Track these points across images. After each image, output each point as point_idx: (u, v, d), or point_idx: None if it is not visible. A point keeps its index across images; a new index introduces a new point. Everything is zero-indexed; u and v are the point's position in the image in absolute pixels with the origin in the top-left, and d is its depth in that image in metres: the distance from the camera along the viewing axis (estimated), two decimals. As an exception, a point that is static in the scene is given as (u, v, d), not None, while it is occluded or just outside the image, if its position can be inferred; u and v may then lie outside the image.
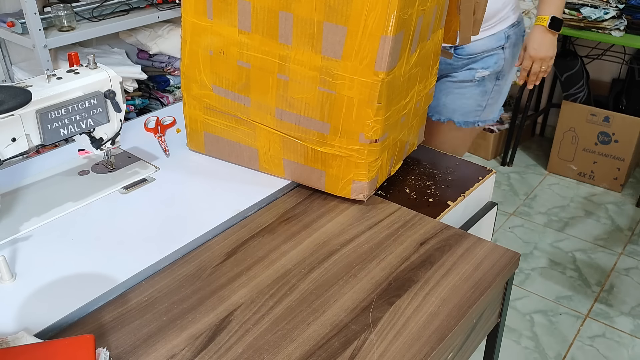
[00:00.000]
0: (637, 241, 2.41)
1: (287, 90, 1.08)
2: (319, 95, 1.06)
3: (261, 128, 1.15)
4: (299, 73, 1.06)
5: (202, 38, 1.12)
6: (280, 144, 1.15)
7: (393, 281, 0.93)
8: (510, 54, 1.62)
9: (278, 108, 1.11)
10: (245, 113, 1.15)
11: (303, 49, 1.04)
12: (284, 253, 0.99)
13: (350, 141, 1.08)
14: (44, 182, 1.17)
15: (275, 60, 1.07)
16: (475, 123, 1.69)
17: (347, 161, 1.10)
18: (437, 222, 1.08)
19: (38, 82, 0.99)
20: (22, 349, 0.75)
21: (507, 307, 1.09)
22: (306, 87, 1.07)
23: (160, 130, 1.37)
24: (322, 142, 1.10)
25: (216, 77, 1.14)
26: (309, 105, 1.08)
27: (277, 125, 1.13)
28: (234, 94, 1.13)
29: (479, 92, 1.64)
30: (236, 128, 1.18)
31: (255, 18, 1.05)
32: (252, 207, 1.10)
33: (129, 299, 0.89)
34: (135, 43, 2.25)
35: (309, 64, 1.04)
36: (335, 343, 0.82)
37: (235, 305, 0.88)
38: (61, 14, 1.86)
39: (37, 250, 0.98)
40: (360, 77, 1.01)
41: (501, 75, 1.63)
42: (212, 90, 1.16)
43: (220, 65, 1.12)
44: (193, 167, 1.22)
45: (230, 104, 1.15)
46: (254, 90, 1.12)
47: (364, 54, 0.99)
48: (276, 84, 1.09)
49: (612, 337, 1.93)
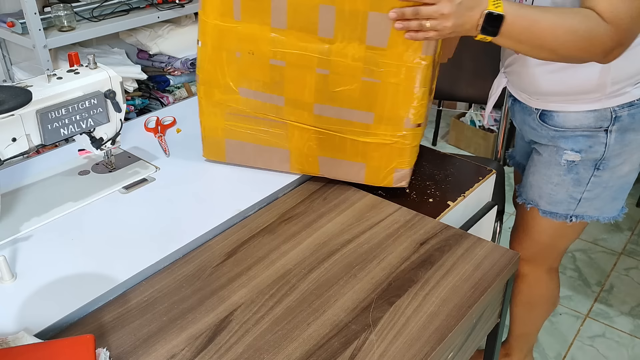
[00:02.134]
0: (637, 241, 2.41)
1: (328, 84, 1.07)
2: (363, 85, 1.06)
3: (295, 127, 1.13)
4: (341, 65, 1.05)
5: (227, 40, 1.08)
6: (317, 141, 1.13)
7: (393, 281, 0.93)
8: (617, 140, 1.20)
9: (317, 104, 1.09)
10: (279, 113, 1.12)
11: (346, 41, 1.03)
12: (284, 253, 0.99)
13: (395, 128, 1.09)
14: (44, 182, 1.17)
15: (314, 55, 1.05)
16: (568, 217, 1.32)
17: (391, 149, 1.11)
18: (437, 222, 1.08)
19: (38, 82, 0.99)
20: (22, 349, 0.75)
21: (507, 307, 1.09)
22: (349, 79, 1.06)
23: (160, 130, 1.37)
24: (365, 133, 1.10)
25: (244, 80, 1.10)
26: (351, 97, 1.08)
27: (315, 121, 1.11)
28: (265, 94, 1.11)
29: (571, 180, 1.28)
30: (265, 131, 1.15)
31: (292, 14, 1.03)
32: (252, 207, 1.10)
33: (129, 299, 0.89)
34: (135, 43, 2.24)
35: (353, 55, 1.04)
36: (336, 343, 0.82)
37: (235, 305, 0.88)
38: (61, 14, 1.86)
39: (37, 250, 0.98)
40: (407, 63, 1.03)
41: (603, 165, 1.24)
42: (239, 94, 1.12)
43: (250, 66, 1.09)
44: (193, 167, 1.22)
45: (260, 106, 1.12)
46: (289, 89, 1.09)
47: (410, 41, 1.00)
48: (315, 79, 1.07)
49: (612, 337, 1.93)
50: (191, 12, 2.23)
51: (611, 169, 1.25)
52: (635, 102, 1.17)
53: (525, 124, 1.35)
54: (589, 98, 1.18)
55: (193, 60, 2.25)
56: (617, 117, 1.18)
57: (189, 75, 2.28)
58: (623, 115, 1.18)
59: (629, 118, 1.18)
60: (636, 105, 1.17)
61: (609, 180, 1.26)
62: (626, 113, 1.18)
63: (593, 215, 1.32)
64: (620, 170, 1.26)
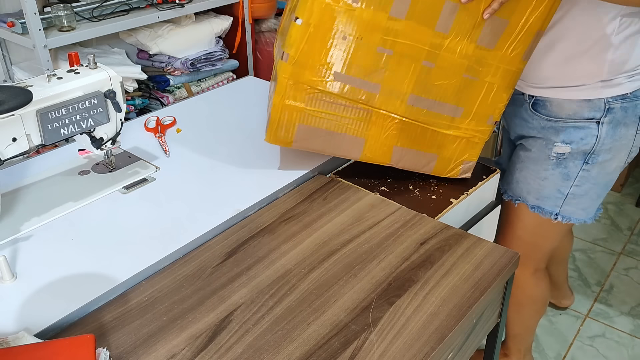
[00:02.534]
0: (636, 241, 2.41)
1: (429, 77, 1.12)
2: (461, 81, 1.13)
3: (381, 115, 1.14)
4: (447, 60, 1.11)
5: (336, 23, 1.06)
6: (398, 131, 1.16)
7: (393, 281, 0.93)
8: (608, 133, 1.22)
9: (412, 94, 1.13)
10: (369, 101, 1.13)
11: (459, 38, 1.09)
12: (284, 253, 0.99)
13: (479, 123, 1.18)
14: (44, 182, 1.17)
15: (424, 48, 1.09)
16: (553, 215, 1.34)
17: (467, 142, 1.19)
18: (437, 221, 1.08)
19: (38, 82, 0.99)
20: (22, 349, 0.75)
21: (507, 307, 1.09)
22: (450, 74, 1.12)
23: (161, 130, 1.37)
24: (449, 125, 1.17)
25: (343, 64, 1.09)
26: (447, 91, 1.13)
27: (405, 111, 1.14)
28: (361, 80, 1.11)
29: (559, 174, 1.29)
30: (344, 117, 1.14)
31: (414, 5, 1.05)
32: (252, 207, 1.10)
33: (129, 299, 0.89)
34: (135, 43, 2.24)
35: (461, 52, 1.10)
36: (336, 343, 0.82)
37: (235, 305, 0.88)
38: (61, 14, 1.86)
39: (37, 250, 0.98)
40: (506, 66, 1.12)
41: (592, 159, 1.25)
42: (333, 78, 1.10)
43: (354, 51, 1.08)
44: (193, 167, 1.22)
45: (351, 92, 1.11)
46: (389, 77, 1.11)
47: (517, 45, 1.10)
48: (418, 70, 1.11)
49: (612, 337, 1.93)
50: (191, 12, 2.23)
51: (600, 164, 1.26)
52: (629, 95, 1.20)
53: (516, 117, 1.35)
54: (585, 86, 1.20)
55: (193, 60, 2.25)
56: (610, 108, 1.20)
57: (189, 75, 2.28)
58: (616, 108, 1.20)
59: (621, 111, 1.21)
60: (629, 98, 1.20)
61: (597, 176, 1.28)
62: (619, 105, 1.20)
63: (579, 217, 1.34)
64: (608, 167, 1.28)
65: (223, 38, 2.46)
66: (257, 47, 2.62)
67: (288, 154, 1.27)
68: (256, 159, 1.26)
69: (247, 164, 1.23)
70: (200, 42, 2.29)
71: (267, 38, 2.64)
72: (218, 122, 1.43)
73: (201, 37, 2.29)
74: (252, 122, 1.42)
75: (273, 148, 1.30)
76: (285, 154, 1.27)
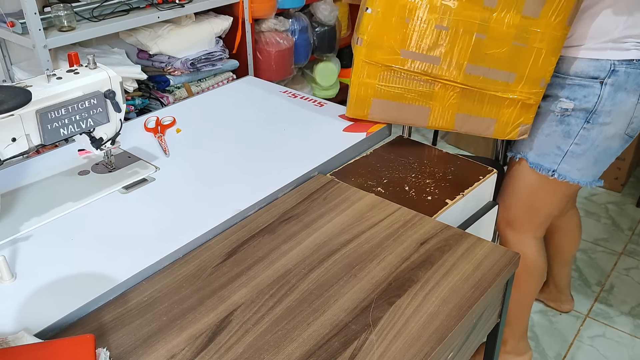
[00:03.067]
0: (637, 241, 2.41)
1: (482, 47, 1.28)
2: (511, 49, 1.27)
3: (443, 84, 1.32)
4: (497, 31, 1.26)
5: (398, 8, 1.27)
6: (459, 98, 1.33)
7: (393, 281, 0.93)
8: (610, 95, 1.30)
9: (469, 63, 1.29)
10: (432, 72, 1.31)
11: (505, 10, 1.25)
12: (284, 253, 0.99)
13: (532, 86, 1.30)
14: (44, 182, 1.17)
15: (475, 22, 1.26)
16: (550, 172, 1.40)
17: (522, 105, 1.32)
18: (437, 221, 1.08)
19: (38, 82, 0.99)
20: (22, 349, 0.75)
21: (507, 307, 1.09)
22: (501, 43, 1.27)
23: (160, 130, 1.37)
24: (504, 90, 1.31)
25: (407, 42, 1.28)
26: (500, 58, 1.28)
27: (464, 79, 1.30)
28: (423, 55, 1.29)
29: (561, 132, 1.37)
30: (412, 90, 1.33)
31: None
32: (252, 207, 1.10)
33: (129, 299, 0.89)
34: (135, 43, 2.24)
35: (509, 23, 1.25)
36: (336, 343, 0.82)
37: (235, 305, 0.88)
38: (61, 14, 1.86)
39: (37, 250, 0.98)
40: (552, 32, 1.25)
41: (593, 119, 1.33)
42: (400, 55, 1.30)
43: (415, 31, 1.28)
44: (193, 167, 1.22)
45: (416, 65, 1.30)
46: (447, 50, 1.29)
47: (559, 12, 1.23)
48: (472, 42, 1.28)
49: (612, 337, 1.93)
50: (191, 12, 2.23)
51: (600, 126, 1.34)
52: (635, 61, 1.28)
53: None
54: (595, 44, 1.30)
55: (193, 60, 2.25)
56: (614, 70, 1.29)
57: (189, 75, 2.28)
58: (620, 71, 1.29)
59: (624, 75, 1.29)
60: (634, 65, 1.28)
61: (596, 138, 1.35)
62: (623, 69, 1.29)
63: (574, 177, 1.40)
64: (607, 131, 1.35)
65: (223, 38, 2.46)
66: (257, 47, 2.62)
67: (288, 154, 1.27)
68: (256, 159, 1.26)
69: (247, 164, 1.23)
70: (200, 42, 2.29)
71: (267, 38, 2.64)
72: (218, 122, 1.43)
73: (201, 37, 2.29)
74: (252, 122, 1.42)
75: (273, 148, 1.30)
76: (285, 154, 1.28)
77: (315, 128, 1.39)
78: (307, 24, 2.84)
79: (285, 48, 2.67)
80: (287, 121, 1.42)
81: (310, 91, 3.11)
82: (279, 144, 1.32)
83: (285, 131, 1.38)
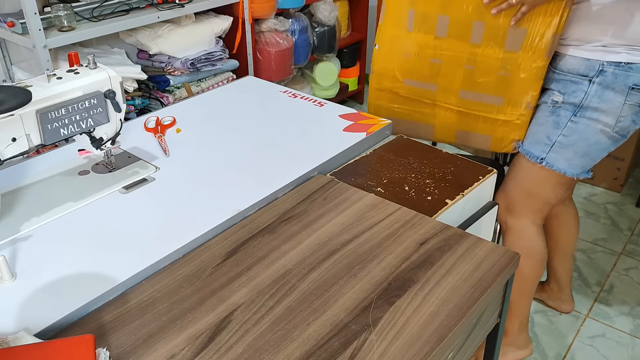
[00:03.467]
0: (637, 241, 2.41)
1: (472, 76, 1.48)
2: (498, 77, 1.45)
3: (442, 107, 1.55)
4: (484, 63, 1.45)
5: (399, 45, 1.53)
6: (457, 118, 1.55)
7: (393, 281, 0.93)
8: (597, 93, 1.39)
9: (462, 90, 1.50)
10: (432, 97, 1.54)
11: (489, 46, 1.43)
12: (284, 253, 0.99)
13: (518, 109, 1.47)
14: (44, 182, 1.17)
15: (464, 56, 1.47)
16: (539, 159, 1.49)
17: (513, 124, 1.49)
18: (437, 222, 1.08)
19: (38, 82, 0.99)
20: (22, 349, 0.75)
21: (507, 307, 1.09)
22: (488, 73, 1.45)
23: (161, 130, 1.37)
24: (495, 112, 1.49)
25: (409, 73, 1.52)
26: (489, 85, 1.47)
27: (459, 103, 1.52)
28: (422, 83, 1.52)
29: (552, 122, 1.47)
30: (417, 111, 1.59)
31: (452, 27, 1.45)
32: (252, 207, 1.10)
33: (129, 299, 0.89)
34: (135, 43, 2.24)
35: (494, 56, 1.44)
36: (335, 343, 0.82)
37: (235, 305, 0.88)
38: (61, 14, 1.86)
39: (37, 250, 0.98)
40: (532, 63, 1.41)
41: (580, 113, 1.42)
42: (404, 83, 1.55)
43: (414, 63, 1.53)
44: (193, 167, 1.22)
45: (418, 91, 1.55)
46: (442, 79, 1.51)
47: (537, 47, 1.38)
48: (463, 72, 1.48)
49: (612, 337, 1.93)
50: (191, 12, 2.23)
51: (587, 120, 1.42)
52: (622, 64, 1.35)
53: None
54: (588, 46, 1.39)
55: (193, 60, 2.25)
56: (602, 70, 1.37)
57: (189, 75, 2.28)
58: (608, 72, 1.37)
59: (612, 76, 1.37)
60: (622, 67, 1.36)
61: (583, 131, 1.44)
62: (611, 70, 1.37)
63: (561, 167, 1.49)
64: (594, 126, 1.43)
65: (223, 38, 2.46)
66: (257, 47, 2.62)
67: (288, 154, 1.27)
68: (256, 159, 1.26)
69: (247, 164, 1.23)
70: (200, 42, 2.29)
71: (267, 38, 2.64)
72: (218, 122, 1.43)
73: (201, 37, 2.29)
74: (252, 122, 1.42)
75: (273, 148, 1.30)
76: (285, 154, 1.27)
77: (315, 128, 1.39)
78: (307, 24, 2.85)
79: (285, 48, 2.67)
80: (287, 121, 1.42)
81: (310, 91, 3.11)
82: (279, 144, 1.32)
83: (285, 131, 1.38)
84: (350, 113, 1.46)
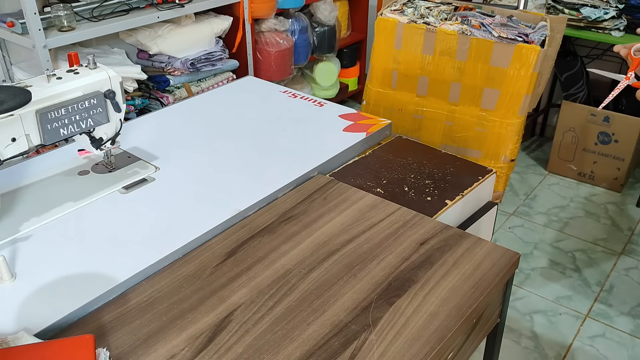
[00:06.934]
0: (637, 241, 2.41)
1: (452, 131, 1.66)
2: (476, 133, 1.62)
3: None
4: (462, 119, 1.63)
5: (384, 101, 1.74)
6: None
7: (393, 281, 0.93)
8: None
9: (443, 143, 1.70)
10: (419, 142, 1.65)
11: (466, 105, 1.62)
12: (284, 253, 0.99)
13: (496, 161, 1.63)
14: (44, 182, 1.16)
15: (444, 113, 1.66)
16: None
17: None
18: (437, 222, 1.08)
19: (38, 82, 0.99)
20: (22, 349, 0.75)
21: (507, 307, 1.09)
22: (466, 129, 1.63)
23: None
24: (476, 162, 1.52)
25: (393, 127, 1.52)
26: (467, 139, 1.64)
27: (442, 153, 1.52)
28: (406, 136, 1.53)
29: None
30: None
31: (432, 87, 1.65)
32: (252, 207, 1.10)
33: (129, 299, 0.89)
34: (135, 43, 2.24)
35: (470, 114, 1.62)
36: (335, 343, 0.82)
37: (235, 305, 0.88)
38: (61, 14, 1.86)
39: (37, 250, 0.98)
40: (506, 120, 1.59)
41: None
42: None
43: (398, 118, 1.73)
44: (193, 167, 1.22)
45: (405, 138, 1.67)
46: (424, 133, 1.70)
47: (511, 106, 1.56)
48: (443, 127, 1.68)
49: (612, 337, 1.93)
50: (191, 12, 2.23)
51: None
52: None
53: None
54: None
55: (193, 60, 2.25)
56: None
57: (188, 75, 2.28)
58: None
59: None
60: None
61: None
62: None
63: None
64: None
65: (223, 38, 2.46)
66: (257, 47, 2.62)
67: (288, 154, 1.27)
68: (256, 159, 1.26)
69: (247, 164, 1.23)
70: (200, 42, 2.29)
71: (267, 38, 2.64)
72: (218, 122, 1.43)
73: (201, 37, 2.29)
74: (252, 122, 1.42)
75: (273, 148, 1.30)
76: (285, 154, 1.27)
77: (315, 128, 1.39)
78: (307, 24, 2.84)
79: (285, 48, 2.67)
80: (287, 121, 1.42)
81: (310, 91, 3.11)
82: (279, 144, 1.32)
83: (285, 131, 1.38)
84: (350, 113, 1.46)
